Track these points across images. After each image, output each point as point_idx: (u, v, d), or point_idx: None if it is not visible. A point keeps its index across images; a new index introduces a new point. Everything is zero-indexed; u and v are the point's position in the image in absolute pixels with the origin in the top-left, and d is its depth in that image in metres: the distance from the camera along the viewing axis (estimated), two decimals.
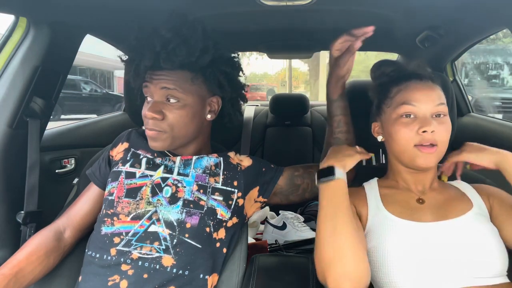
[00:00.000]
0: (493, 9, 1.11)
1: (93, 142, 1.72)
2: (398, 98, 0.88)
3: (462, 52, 1.71)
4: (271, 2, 1.08)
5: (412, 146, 0.85)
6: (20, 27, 1.10)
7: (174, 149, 1.02)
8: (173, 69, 0.93)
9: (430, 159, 0.85)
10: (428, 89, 0.87)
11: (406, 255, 0.79)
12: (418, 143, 0.84)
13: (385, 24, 1.38)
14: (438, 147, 0.85)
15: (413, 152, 0.85)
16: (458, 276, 0.77)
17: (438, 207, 0.88)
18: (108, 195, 0.98)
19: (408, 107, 0.86)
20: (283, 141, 2.33)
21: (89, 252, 0.94)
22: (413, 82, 0.89)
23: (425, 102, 0.85)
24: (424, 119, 0.84)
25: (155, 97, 0.95)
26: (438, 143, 0.84)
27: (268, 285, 0.95)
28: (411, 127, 0.85)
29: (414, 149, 0.85)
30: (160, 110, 0.93)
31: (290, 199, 1.08)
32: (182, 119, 0.95)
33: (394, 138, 0.88)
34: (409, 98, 0.86)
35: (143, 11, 1.15)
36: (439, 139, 0.84)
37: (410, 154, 0.86)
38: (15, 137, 1.09)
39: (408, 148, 0.86)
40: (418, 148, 0.85)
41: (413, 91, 0.87)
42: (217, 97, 1.03)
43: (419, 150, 0.85)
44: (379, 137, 0.97)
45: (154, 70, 0.93)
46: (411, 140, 0.85)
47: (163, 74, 0.93)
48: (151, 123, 0.94)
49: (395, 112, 0.88)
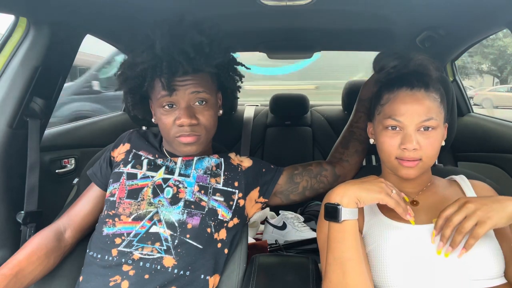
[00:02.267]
0: (493, 9, 1.11)
1: (93, 142, 1.72)
2: (387, 109, 0.88)
3: (462, 52, 1.71)
4: (271, 2, 1.08)
5: (393, 158, 0.86)
6: (20, 27, 1.10)
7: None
8: (198, 72, 0.92)
9: (411, 172, 0.85)
10: (416, 102, 0.84)
11: (401, 258, 0.80)
12: (399, 157, 0.85)
13: (385, 24, 1.39)
14: (423, 161, 0.84)
15: (395, 163, 0.87)
16: (454, 278, 0.77)
17: (432, 208, 0.88)
18: (110, 196, 0.98)
19: (393, 121, 0.85)
20: (283, 141, 2.33)
21: (90, 252, 0.94)
22: (403, 92, 0.86)
23: (411, 116, 0.83)
24: (407, 135, 0.83)
25: (182, 103, 0.93)
26: (423, 157, 0.84)
27: (268, 285, 0.95)
28: (394, 141, 0.85)
29: (395, 161, 0.86)
30: (194, 115, 0.93)
31: (290, 199, 1.08)
32: (212, 119, 0.97)
33: (379, 148, 0.90)
34: (395, 112, 0.85)
35: (143, 11, 1.15)
36: (423, 154, 0.84)
37: (392, 165, 0.88)
38: (15, 137, 1.09)
39: (390, 159, 0.87)
40: (399, 161, 0.85)
41: (400, 105, 0.85)
42: (220, 92, 1.05)
43: (400, 163, 0.85)
44: (371, 139, 0.98)
45: (176, 76, 0.90)
46: (393, 152, 0.86)
47: (188, 79, 0.92)
48: (189, 129, 0.93)
49: (382, 123, 0.88)
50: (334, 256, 0.78)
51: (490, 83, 17.23)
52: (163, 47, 0.88)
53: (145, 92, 0.99)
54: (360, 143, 1.10)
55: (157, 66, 0.89)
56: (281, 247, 1.56)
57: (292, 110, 2.39)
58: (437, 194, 0.92)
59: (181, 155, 1.02)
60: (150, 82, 0.92)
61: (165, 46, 0.88)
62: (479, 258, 0.78)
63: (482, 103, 12.90)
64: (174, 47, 0.88)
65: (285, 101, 2.43)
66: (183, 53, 0.88)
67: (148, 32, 0.91)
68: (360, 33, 1.61)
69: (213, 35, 0.93)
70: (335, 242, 0.78)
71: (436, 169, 1.10)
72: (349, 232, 0.77)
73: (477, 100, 13.17)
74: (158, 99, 0.94)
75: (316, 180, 1.07)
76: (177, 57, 0.88)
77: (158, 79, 0.91)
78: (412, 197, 0.92)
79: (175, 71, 0.88)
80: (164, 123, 0.95)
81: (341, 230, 0.78)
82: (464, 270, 0.77)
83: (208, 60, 0.91)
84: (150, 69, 0.90)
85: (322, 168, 1.08)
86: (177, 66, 0.88)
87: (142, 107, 1.04)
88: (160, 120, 0.96)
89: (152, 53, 0.89)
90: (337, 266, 0.77)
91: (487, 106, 12.54)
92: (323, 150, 2.26)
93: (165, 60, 0.88)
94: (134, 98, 1.01)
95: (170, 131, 0.94)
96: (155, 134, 1.12)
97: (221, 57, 0.93)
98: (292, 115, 2.40)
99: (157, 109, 0.96)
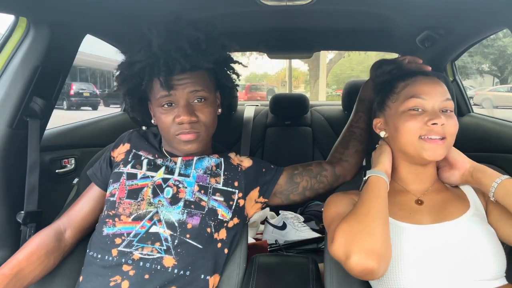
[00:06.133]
0: (493, 9, 1.11)
1: (93, 142, 1.72)
2: (406, 92, 0.88)
3: (462, 52, 1.71)
4: (271, 2, 1.08)
5: (417, 138, 0.85)
6: (20, 27, 1.10)
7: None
8: (195, 70, 0.92)
9: (438, 152, 0.84)
10: (435, 83, 0.88)
11: (405, 258, 0.79)
12: (424, 135, 0.84)
13: (385, 24, 1.38)
14: (447, 140, 0.85)
15: (419, 144, 0.85)
16: (456, 278, 0.77)
17: (436, 208, 0.88)
18: (110, 196, 0.98)
19: (417, 100, 0.86)
20: (283, 141, 2.33)
21: (90, 252, 0.94)
22: (420, 77, 0.89)
23: (434, 95, 0.85)
24: (434, 112, 0.84)
25: (181, 102, 0.93)
26: (447, 136, 0.84)
27: (268, 285, 0.96)
28: (419, 119, 0.85)
29: (420, 141, 0.84)
30: (193, 112, 0.93)
31: (290, 199, 1.08)
32: (212, 117, 0.97)
33: (401, 130, 0.87)
34: (418, 91, 0.86)
35: (142, 11, 1.15)
36: (448, 131, 0.84)
37: (415, 147, 0.85)
38: (15, 137, 1.09)
39: (413, 140, 0.85)
40: (424, 140, 0.84)
41: (421, 85, 0.87)
42: (218, 91, 1.05)
43: (425, 141, 0.84)
44: (381, 132, 0.96)
45: (174, 74, 0.91)
46: (417, 131, 0.84)
47: (186, 78, 0.92)
48: (189, 127, 0.93)
49: (403, 105, 0.87)
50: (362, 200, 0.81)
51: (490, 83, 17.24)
52: (159, 45, 0.88)
53: (144, 93, 0.99)
54: (360, 143, 1.10)
55: (154, 64, 0.89)
56: (281, 247, 1.56)
57: (292, 110, 2.39)
58: (441, 194, 0.92)
59: (181, 154, 1.02)
60: (148, 81, 0.92)
61: (161, 44, 0.88)
62: (479, 258, 0.78)
63: (482, 103, 12.91)
64: (170, 45, 0.88)
65: (285, 101, 2.43)
66: (180, 50, 0.88)
67: (145, 30, 0.91)
68: (360, 33, 1.61)
69: (209, 32, 0.93)
70: (362, 195, 0.83)
71: None
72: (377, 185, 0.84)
73: (477, 100, 13.19)
74: (157, 99, 0.94)
75: (316, 180, 1.07)
76: (174, 54, 0.88)
77: (156, 78, 0.92)
78: (417, 196, 0.91)
79: (172, 68, 0.89)
80: (164, 122, 0.95)
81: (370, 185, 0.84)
82: (464, 270, 0.77)
83: (205, 57, 0.91)
84: (147, 68, 0.90)
85: (322, 168, 1.08)
86: (174, 63, 0.88)
87: (141, 109, 1.05)
88: (160, 119, 0.96)
89: (149, 51, 0.89)
90: (363, 207, 0.79)
91: (487, 106, 12.55)
92: (323, 150, 2.26)
93: (162, 58, 0.88)
94: (132, 99, 1.01)
95: (170, 129, 0.95)
96: (155, 134, 1.12)
97: (218, 53, 0.93)
98: (292, 115, 2.40)
99: (156, 108, 0.97)
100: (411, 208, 0.89)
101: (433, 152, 0.84)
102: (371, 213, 0.76)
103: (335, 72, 21.83)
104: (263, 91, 19.21)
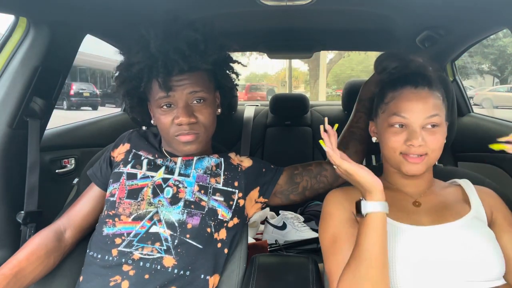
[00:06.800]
0: (493, 9, 1.11)
1: (93, 142, 1.72)
2: (391, 107, 0.88)
3: (462, 52, 1.71)
4: (271, 2, 1.08)
5: (398, 154, 0.86)
6: (20, 27, 1.10)
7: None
8: (194, 71, 0.92)
9: (416, 168, 0.85)
10: (421, 99, 0.85)
11: (403, 258, 0.79)
12: (404, 153, 0.85)
13: (385, 24, 1.39)
14: (428, 156, 0.85)
15: (399, 159, 0.87)
16: (454, 280, 0.77)
17: (434, 210, 0.88)
18: (110, 196, 0.98)
19: (399, 118, 0.86)
20: (283, 141, 2.34)
21: (90, 252, 0.94)
22: (407, 90, 0.87)
23: (417, 113, 0.84)
24: (413, 132, 0.84)
25: (180, 103, 0.93)
26: (429, 152, 0.84)
27: (268, 285, 0.95)
28: (400, 137, 0.85)
29: (400, 157, 0.86)
30: (192, 113, 0.93)
31: (290, 199, 1.08)
32: (211, 118, 0.97)
33: (383, 145, 0.90)
34: (401, 109, 0.86)
35: (142, 11, 1.15)
36: (431, 148, 0.84)
37: (396, 161, 0.88)
38: (15, 137, 1.09)
39: (394, 156, 0.87)
40: (404, 157, 0.86)
41: (405, 102, 0.86)
42: (217, 91, 1.05)
43: (405, 158, 0.86)
44: (373, 138, 0.98)
45: (172, 75, 0.90)
46: (398, 148, 0.86)
47: (185, 79, 0.92)
48: (188, 128, 0.93)
49: (387, 120, 0.88)
50: (360, 249, 0.76)
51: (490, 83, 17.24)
52: (157, 46, 0.88)
53: (143, 94, 0.99)
54: (360, 143, 1.10)
55: (153, 66, 0.89)
56: (281, 247, 1.56)
57: (292, 110, 2.39)
58: (440, 196, 0.92)
59: (181, 155, 1.02)
60: (147, 83, 0.92)
61: (159, 45, 0.88)
62: (478, 260, 0.78)
63: (482, 103, 12.91)
64: (169, 46, 0.88)
65: (285, 101, 2.44)
66: (178, 51, 0.88)
67: (143, 32, 0.91)
68: (360, 33, 1.61)
69: (207, 33, 0.93)
70: (363, 236, 0.76)
71: (437, 169, 1.10)
72: (376, 225, 0.76)
73: (477, 100, 13.18)
74: (156, 100, 0.94)
75: (316, 180, 1.07)
76: (172, 55, 0.88)
77: (155, 80, 0.92)
78: (415, 198, 0.91)
79: (171, 69, 0.89)
80: (163, 123, 0.95)
81: (368, 223, 0.76)
82: (462, 272, 0.77)
83: (203, 57, 0.90)
84: (146, 69, 0.90)
85: (322, 168, 1.08)
86: (172, 64, 0.88)
87: (141, 109, 1.05)
88: (159, 120, 0.96)
89: (148, 53, 0.89)
90: (362, 260, 0.75)
91: (487, 106, 12.55)
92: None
93: (161, 59, 0.88)
94: (132, 100, 1.01)
95: (169, 130, 0.95)
96: (155, 134, 1.12)
97: (216, 54, 0.93)
98: (292, 115, 2.40)
99: (155, 109, 0.97)
100: (409, 209, 0.89)
101: (412, 168, 0.85)
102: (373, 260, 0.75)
103: (335, 72, 21.85)
104: (263, 91, 19.20)
